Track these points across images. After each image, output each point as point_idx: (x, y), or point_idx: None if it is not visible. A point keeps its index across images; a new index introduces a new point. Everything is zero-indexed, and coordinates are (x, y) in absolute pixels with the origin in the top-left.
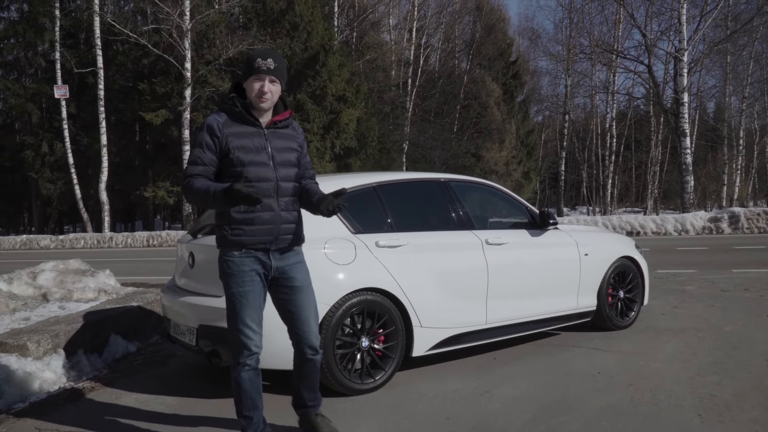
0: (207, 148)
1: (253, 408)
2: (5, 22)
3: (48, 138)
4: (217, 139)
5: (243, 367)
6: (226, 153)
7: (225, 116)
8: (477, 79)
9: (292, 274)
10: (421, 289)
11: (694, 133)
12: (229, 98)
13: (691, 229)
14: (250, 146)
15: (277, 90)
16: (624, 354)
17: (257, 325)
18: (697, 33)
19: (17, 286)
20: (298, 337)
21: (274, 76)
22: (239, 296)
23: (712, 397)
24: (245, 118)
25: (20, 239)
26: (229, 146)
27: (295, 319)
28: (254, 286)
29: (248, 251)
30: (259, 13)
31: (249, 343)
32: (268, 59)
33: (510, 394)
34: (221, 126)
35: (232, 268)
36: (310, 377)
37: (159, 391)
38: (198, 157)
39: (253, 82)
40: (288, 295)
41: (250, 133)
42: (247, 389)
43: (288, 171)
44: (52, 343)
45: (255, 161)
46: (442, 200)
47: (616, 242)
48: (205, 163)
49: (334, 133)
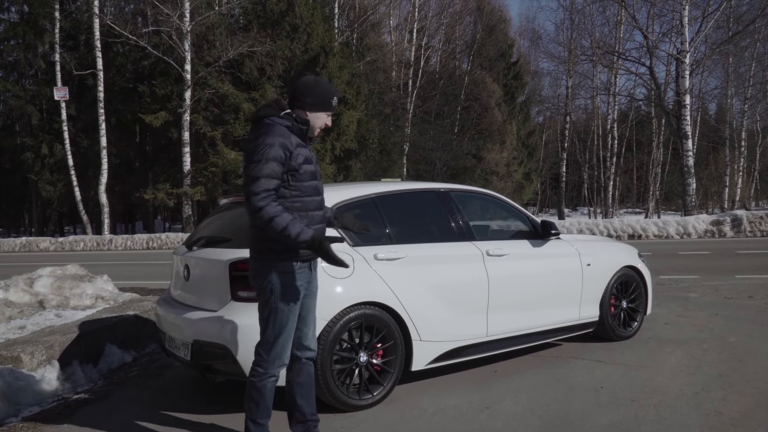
0: (280, 163)
1: (267, 416)
2: (5, 23)
3: (48, 140)
4: (290, 153)
5: (270, 378)
6: (295, 168)
7: (287, 131)
8: (478, 80)
9: (314, 281)
10: (420, 302)
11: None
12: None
13: (693, 232)
14: (312, 161)
15: None
16: (627, 367)
17: (292, 338)
18: (699, 34)
19: (13, 293)
20: (299, 339)
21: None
22: (289, 311)
23: (718, 414)
24: (305, 135)
25: (20, 241)
26: (299, 161)
27: (301, 322)
28: (298, 302)
29: (302, 264)
30: (259, 14)
31: (284, 356)
32: (334, 98)
33: (511, 409)
34: (291, 141)
35: (288, 282)
36: (308, 387)
37: (153, 405)
38: (274, 171)
39: (324, 115)
40: (305, 299)
41: (308, 149)
42: (267, 398)
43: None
44: (47, 354)
45: (316, 175)
46: (441, 211)
47: (618, 252)
48: (279, 178)
49: (335, 135)
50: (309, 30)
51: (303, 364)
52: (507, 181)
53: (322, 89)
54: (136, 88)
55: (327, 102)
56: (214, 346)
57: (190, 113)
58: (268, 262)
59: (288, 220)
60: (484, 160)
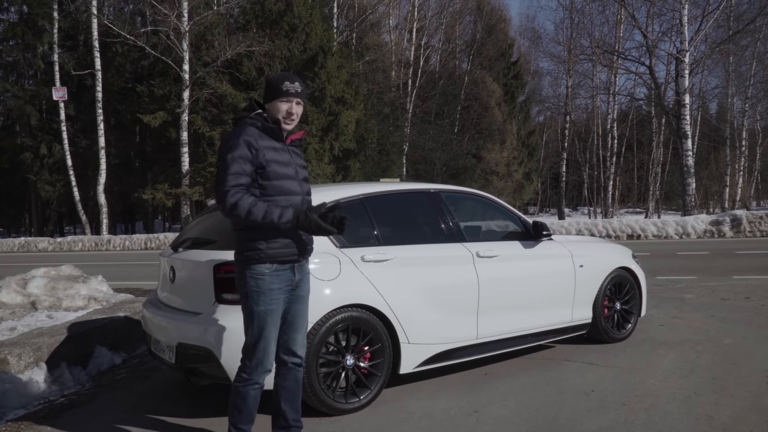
0: (246, 161)
1: (250, 422)
2: (4, 23)
3: (47, 140)
4: (255, 151)
5: (253, 385)
6: (263, 165)
7: (255, 130)
8: (478, 79)
9: (303, 285)
10: (408, 305)
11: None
12: (257, 114)
13: (692, 232)
14: (282, 160)
15: (300, 111)
16: (619, 369)
17: (275, 344)
18: (698, 33)
19: (6, 294)
20: (287, 345)
21: (299, 99)
22: (266, 315)
23: (709, 419)
24: (277, 134)
25: (18, 242)
26: (266, 158)
27: (289, 326)
28: (279, 304)
29: (279, 266)
30: (257, 14)
31: (266, 362)
32: (295, 83)
33: (499, 413)
34: (257, 139)
35: (262, 285)
36: (293, 392)
37: (138, 408)
38: (242, 169)
39: (281, 103)
40: (292, 304)
41: (280, 149)
42: (250, 405)
43: (307, 186)
44: (34, 356)
45: (288, 175)
46: (431, 212)
47: (612, 253)
48: (248, 174)
49: (333, 135)
50: (307, 30)
51: (290, 369)
52: (507, 180)
53: (273, 78)
54: (135, 88)
55: (277, 88)
56: (199, 349)
57: (189, 113)
58: (245, 265)
59: (265, 207)
60: (484, 159)
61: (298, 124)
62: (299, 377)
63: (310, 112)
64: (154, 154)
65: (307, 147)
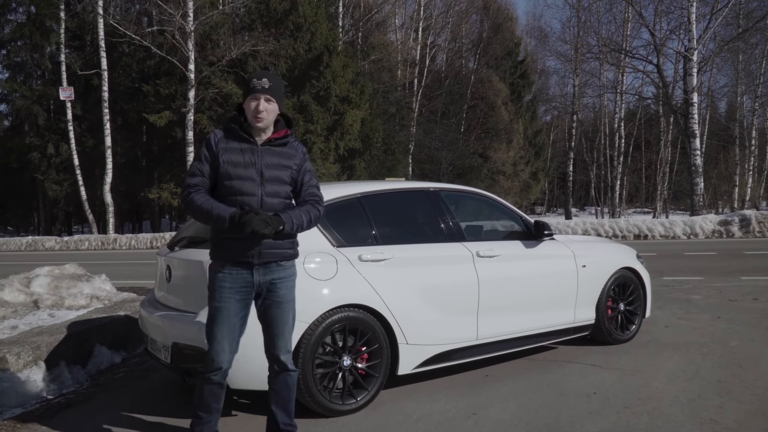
0: (204, 161)
1: (207, 411)
2: (12, 24)
3: (54, 140)
4: (212, 153)
5: (207, 381)
6: (217, 167)
7: (222, 133)
8: (484, 78)
9: (278, 290)
10: (407, 305)
11: (704, 134)
12: (230, 117)
13: (700, 232)
14: (240, 161)
15: (273, 109)
16: (622, 371)
17: (228, 343)
18: (707, 31)
19: (8, 293)
20: (270, 350)
21: (269, 95)
22: (216, 311)
23: (713, 423)
24: (239, 134)
25: (25, 241)
26: (221, 160)
27: (270, 332)
28: (230, 303)
29: (231, 267)
30: (262, 13)
31: (217, 359)
32: (263, 79)
33: (498, 416)
34: (218, 141)
35: (214, 282)
36: (283, 395)
37: (135, 409)
38: (197, 169)
39: (250, 101)
40: (268, 308)
41: (243, 149)
42: (206, 397)
43: (276, 188)
44: (33, 355)
45: (242, 175)
46: (430, 211)
47: (616, 253)
48: (203, 174)
49: (338, 135)
50: (312, 29)
51: (277, 374)
52: (514, 180)
53: (247, 78)
54: (141, 87)
55: (246, 86)
56: (193, 349)
57: (194, 113)
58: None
59: (210, 204)
60: (491, 159)
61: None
62: (289, 381)
63: (315, 111)
64: (160, 153)
65: (312, 146)
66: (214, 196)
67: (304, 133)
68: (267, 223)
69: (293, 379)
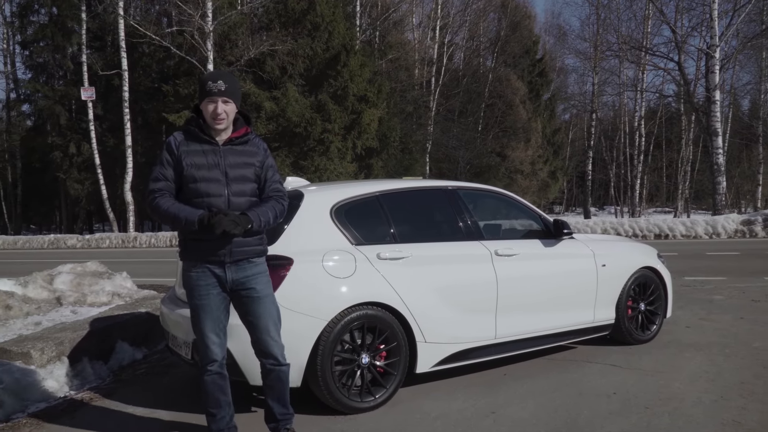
0: (167, 165)
1: (216, 406)
2: (35, 25)
3: (76, 139)
4: (174, 156)
5: (206, 373)
6: (181, 170)
7: (182, 135)
8: (502, 77)
9: (251, 285)
10: (425, 303)
11: (727, 132)
12: (188, 118)
13: (722, 232)
14: (203, 163)
15: (231, 109)
16: (643, 372)
17: (217, 335)
18: (729, 28)
19: (32, 290)
20: (259, 347)
21: (226, 97)
22: (198, 308)
23: (736, 425)
24: (200, 136)
25: (48, 238)
26: (183, 163)
27: (255, 329)
28: (211, 299)
29: (203, 266)
30: (280, 13)
31: (208, 352)
32: (218, 81)
33: (517, 415)
34: (178, 144)
35: (189, 281)
36: (277, 389)
37: (156, 404)
38: (160, 173)
39: (207, 104)
40: (248, 306)
41: (205, 151)
42: (210, 390)
43: (242, 186)
44: (57, 350)
45: (207, 177)
46: (449, 209)
47: (636, 252)
48: (167, 179)
49: (356, 134)
50: (330, 28)
51: (269, 369)
52: (532, 179)
53: (201, 78)
54: (161, 87)
55: (202, 89)
56: None
57: None
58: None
59: (177, 209)
60: (509, 158)
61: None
62: (282, 375)
63: (333, 110)
64: None
65: (329, 145)
66: (180, 199)
67: (322, 132)
68: (236, 222)
69: (286, 374)
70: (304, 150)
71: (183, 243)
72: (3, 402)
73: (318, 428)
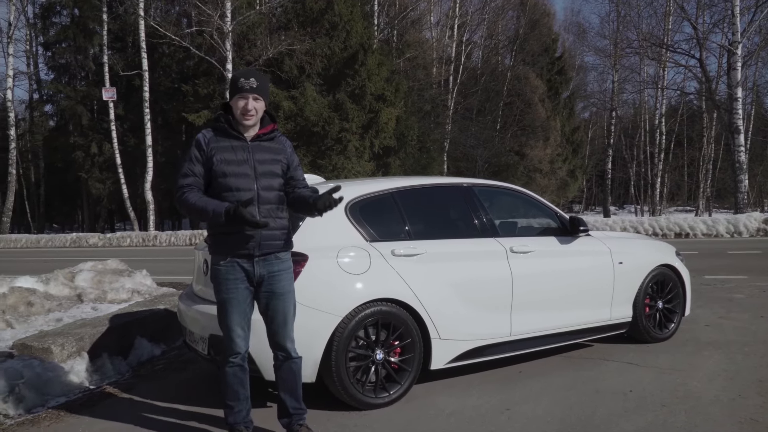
0: (196, 161)
1: (235, 399)
2: (57, 26)
3: (97, 139)
4: (204, 153)
5: (228, 365)
6: (211, 165)
7: (212, 132)
8: (521, 75)
9: (276, 281)
10: (439, 300)
11: (749, 130)
12: (217, 115)
13: (744, 230)
14: (233, 159)
15: (260, 106)
16: (660, 370)
17: (242, 329)
18: (752, 24)
19: (54, 287)
20: (274, 339)
21: (257, 94)
22: (225, 302)
23: (753, 423)
24: (229, 132)
25: (70, 237)
26: (214, 159)
27: (272, 322)
28: (238, 293)
29: (233, 259)
30: (298, 13)
31: (233, 345)
32: (250, 78)
33: (531, 412)
34: (208, 141)
35: (218, 275)
36: (289, 382)
37: (174, 399)
38: (189, 169)
39: (238, 100)
40: (270, 300)
41: (234, 147)
42: (231, 383)
43: (270, 181)
44: (77, 346)
45: (236, 172)
46: (464, 206)
47: (653, 250)
48: (195, 175)
49: (373, 133)
50: (348, 28)
51: (282, 362)
52: (551, 178)
53: (233, 76)
54: (180, 88)
55: (234, 86)
56: None
57: None
58: (211, 257)
59: (204, 202)
60: (527, 157)
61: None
62: (294, 368)
63: (350, 109)
64: None
65: (347, 144)
66: (209, 194)
67: (339, 131)
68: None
69: (298, 366)
70: (322, 149)
71: (212, 237)
72: (24, 396)
73: (332, 424)
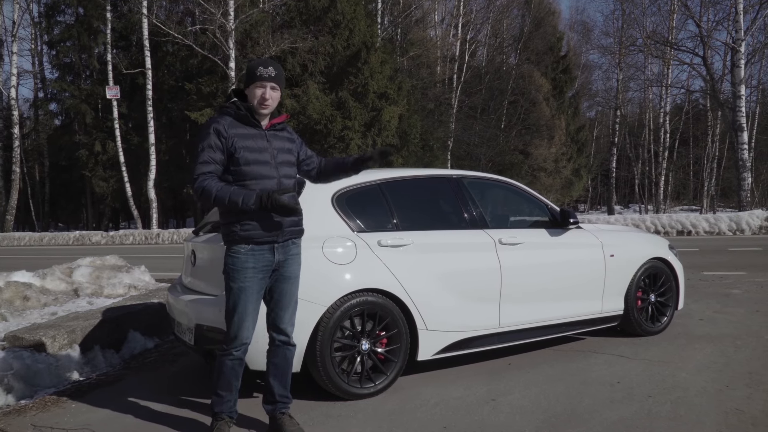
0: (216, 149)
1: (227, 389)
2: (61, 25)
3: (101, 137)
4: (224, 140)
5: (229, 356)
6: (232, 153)
7: (229, 119)
8: (525, 74)
9: (289, 265)
10: (426, 291)
11: (754, 128)
12: (232, 103)
13: (746, 228)
14: (254, 146)
15: (277, 96)
16: (650, 362)
17: (253, 320)
18: (755, 22)
19: (50, 281)
20: (276, 322)
21: (274, 83)
22: (239, 291)
23: (739, 413)
24: (249, 120)
25: (73, 235)
26: (236, 146)
27: (277, 305)
28: (254, 282)
29: (255, 247)
30: (301, 11)
31: (240, 335)
32: (269, 67)
33: (517, 403)
34: (227, 127)
35: (237, 264)
36: (281, 369)
37: (162, 389)
38: (210, 157)
39: (256, 88)
40: (280, 283)
41: (253, 135)
42: (227, 373)
43: (288, 170)
44: (68, 338)
45: (259, 160)
46: (452, 198)
47: (646, 243)
48: (216, 162)
49: (376, 131)
50: (351, 26)
51: (278, 346)
52: (555, 177)
53: (250, 64)
54: (184, 86)
55: (252, 74)
56: (215, 331)
57: None
58: (227, 245)
59: (230, 190)
60: (532, 155)
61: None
62: (288, 355)
63: (353, 107)
64: None
65: (349, 142)
66: (230, 182)
67: (342, 130)
68: (296, 200)
69: (292, 354)
70: (325, 147)
71: (230, 225)
72: (13, 387)
73: (316, 413)
